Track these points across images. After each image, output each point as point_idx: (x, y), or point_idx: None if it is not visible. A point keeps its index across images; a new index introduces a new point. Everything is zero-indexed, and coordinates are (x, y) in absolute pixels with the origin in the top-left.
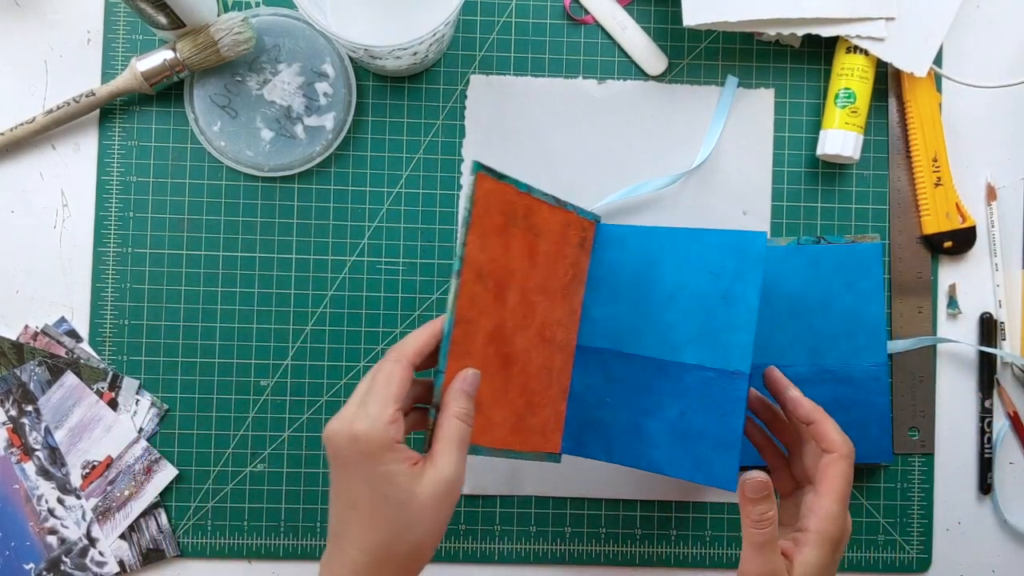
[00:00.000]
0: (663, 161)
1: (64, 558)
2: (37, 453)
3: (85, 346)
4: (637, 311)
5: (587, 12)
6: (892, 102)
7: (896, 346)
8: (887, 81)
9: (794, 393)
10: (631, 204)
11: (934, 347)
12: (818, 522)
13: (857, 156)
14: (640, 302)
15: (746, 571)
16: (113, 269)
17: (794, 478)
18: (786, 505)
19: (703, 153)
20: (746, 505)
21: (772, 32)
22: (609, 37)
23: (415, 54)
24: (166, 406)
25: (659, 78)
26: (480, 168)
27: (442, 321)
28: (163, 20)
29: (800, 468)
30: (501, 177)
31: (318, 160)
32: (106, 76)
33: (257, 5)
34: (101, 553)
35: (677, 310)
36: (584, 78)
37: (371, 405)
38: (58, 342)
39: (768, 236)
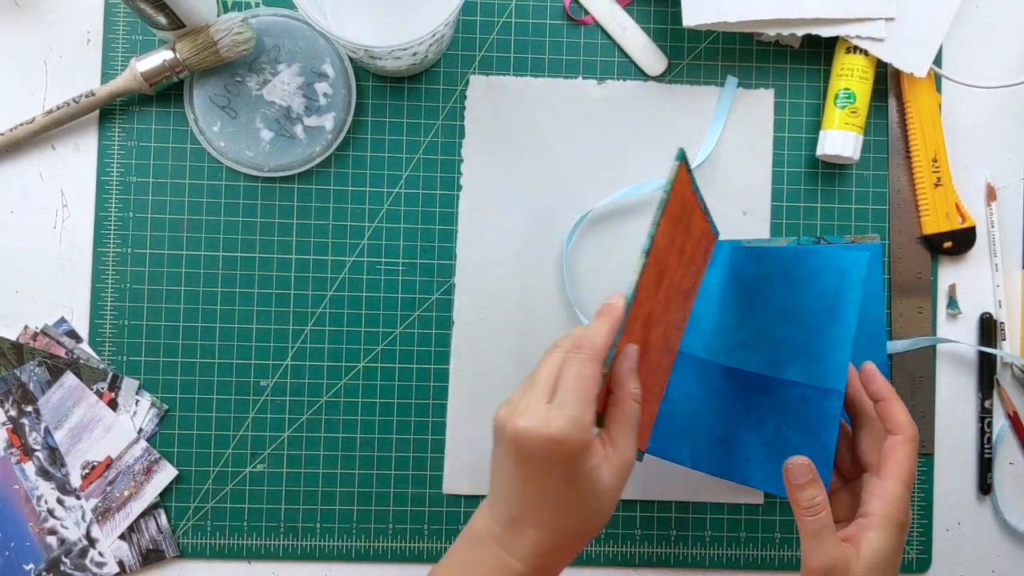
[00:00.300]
0: (663, 161)
1: (64, 558)
2: (37, 453)
3: (85, 346)
4: (745, 326)
5: (587, 12)
6: (892, 102)
7: (896, 346)
8: (887, 81)
9: (870, 366)
10: (632, 203)
11: (934, 347)
12: (883, 505)
13: (857, 156)
14: (749, 318)
15: (810, 564)
16: (113, 269)
17: (850, 467)
18: (841, 498)
19: (702, 153)
20: (794, 493)
21: (772, 32)
22: (609, 37)
23: (415, 54)
24: (166, 406)
25: (659, 78)
26: (683, 156)
27: (618, 310)
28: (163, 20)
29: (860, 452)
30: (689, 170)
31: (318, 160)
32: (106, 76)
33: (257, 5)
34: (101, 554)
35: (786, 328)
36: (584, 78)
37: (570, 407)
38: (58, 342)
39: (768, 235)
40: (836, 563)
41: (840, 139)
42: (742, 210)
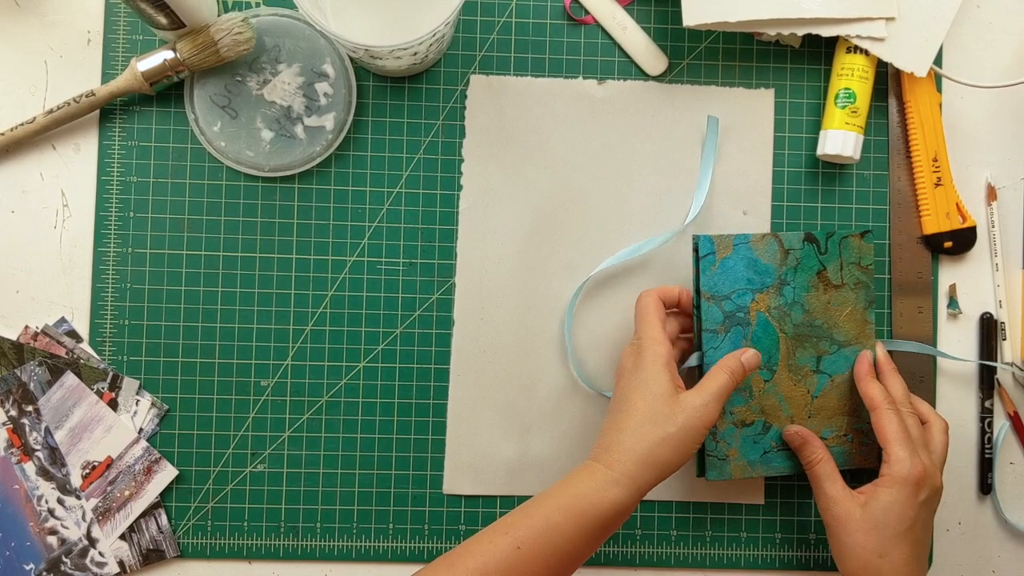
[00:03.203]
0: (663, 161)
1: (64, 558)
2: (37, 453)
3: (85, 346)
4: None
5: (587, 12)
6: (892, 102)
7: (894, 345)
8: (887, 81)
9: (861, 363)
10: (632, 211)
11: (933, 346)
12: (887, 467)
13: (857, 156)
14: None
15: (820, 504)
16: (113, 269)
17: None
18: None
19: (695, 207)
20: (804, 455)
21: (772, 32)
22: (609, 37)
23: (415, 54)
24: (166, 406)
25: (659, 78)
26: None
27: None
28: (163, 20)
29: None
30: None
31: (318, 160)
32: (106, 76)
33: (257, 5)
34: (101, 554)
35: None
36: (584, 78)
37: (648, 327)
38: (58, 342)
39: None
40: (832, 507)
41: (840, 139)
42: (742, 210)
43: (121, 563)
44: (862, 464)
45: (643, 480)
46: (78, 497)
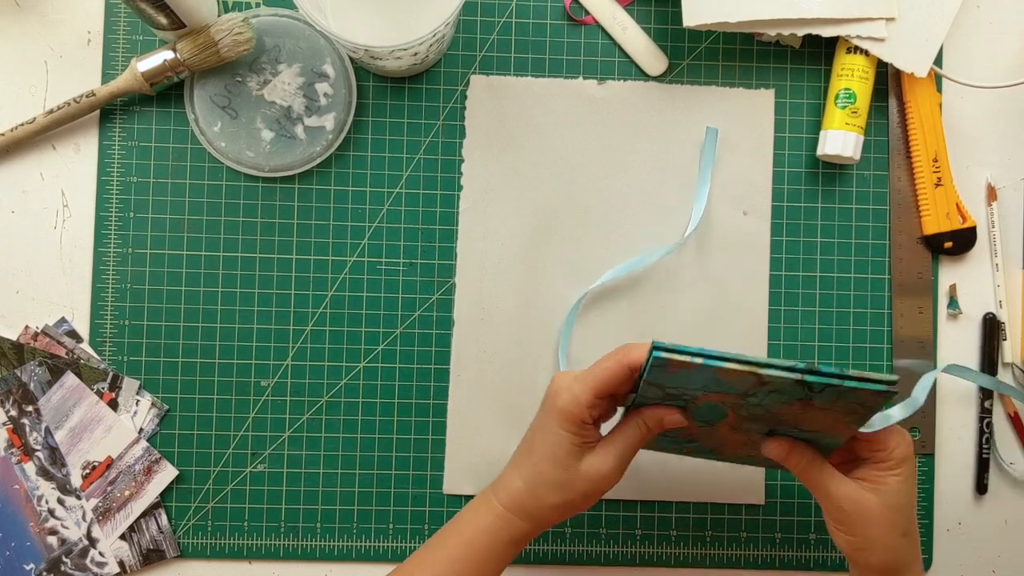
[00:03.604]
0: (663, 162)
1: (64, 559)
2: (37, 453)
3: (85, 346)
4: None
5: (587, 12)
6: (892, 102)
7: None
8: (887, 81)
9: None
10: (632, 212)
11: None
12: (884, 451)
13: (857, 156)
14: None
15: (828, 508)
16: (113, 269)
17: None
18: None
19: (694, 219)
20: (785, 463)
21: (772, 32)
22: (609, 37)
23: (415, 54)
24: (166, 406)
25: (659, 78)
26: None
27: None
28: (163, 20)
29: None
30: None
31: (318, 160)
32: (106, 76)
33: (257, 6)
34: (101, 554)
35: None
36: (584, 78)
37: (587, 381)
38: (58, 342)
39: (768, 236)
40: (848, 500)
41: (840, 139)
42: (742, 210)
43: (121, 563)
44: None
45: (540, 525)
46: (78, 497)
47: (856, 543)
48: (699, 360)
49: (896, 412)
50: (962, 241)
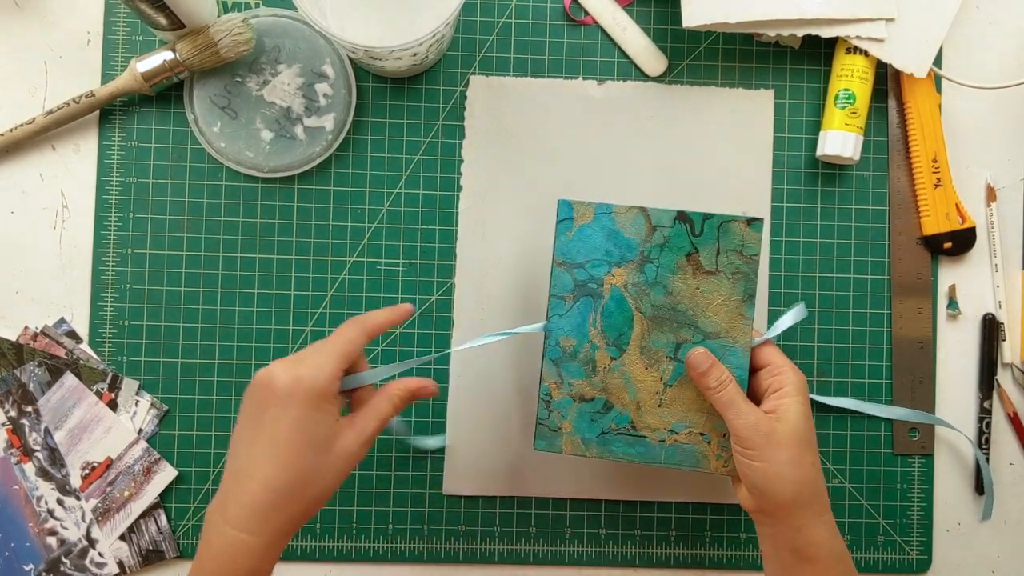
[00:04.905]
0: (663, 162)
1: (64, 559)
2: (37, 454)
3: (85, 347)
4: None
5: (587, 13)
6: (892, 103)
7: (894, 413)
8: (887, 82)
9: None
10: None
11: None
12: (780, 380)
13: (857, 157)
14: None
15: (737, 431)
16: (113, 270)
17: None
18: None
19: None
20: (701, 380)
21: (772, 33)
22: (609, 38)
23: (415, 55)
24: (166, 407)
25: (659, 79)
26: None
27: (407, 308)
28: (163, 21)
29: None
30: None
31: (318, 161)
32: (106, 77)
33: (257, 6)
34: (101, 554)
35: None
36: (584, 79)
37: (320, 356)
38: (58, 343)
39: (768, 237)
40: (758, 422)
41: (840, 139)
42: (742, 210)
43: (121, 563)
44: (718, 471)
45: (284, 537)
46: (78, 498)
47: (767, 469)
48: (596, 202)
49: (787, 318)
50: (961, 241)
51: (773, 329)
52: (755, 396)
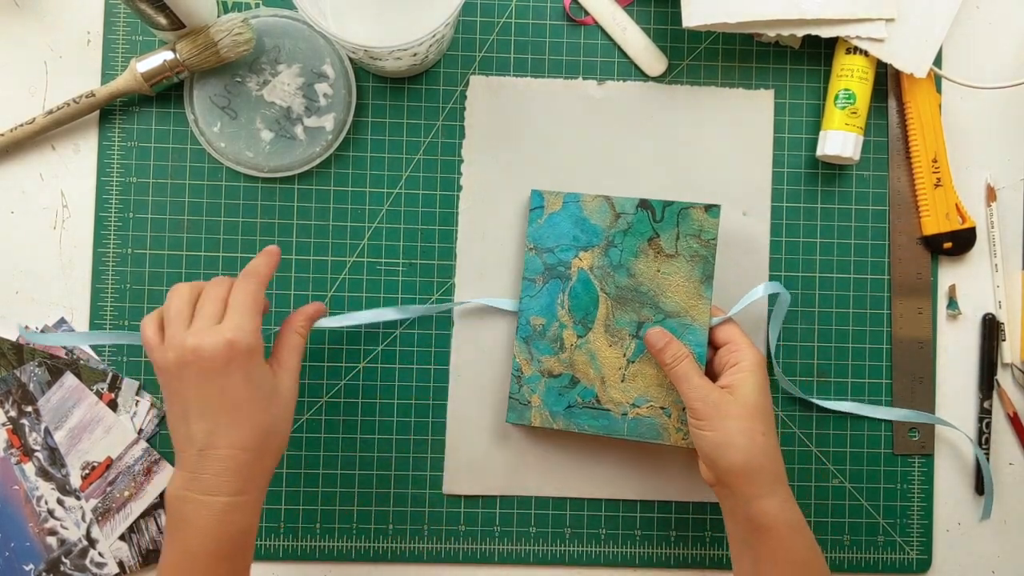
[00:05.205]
0: (663, 162)
1: (64, 559)
2: (37, 454)
3: (85, 347)
4: None
5: (587, 13)
6: (892, 103)
7: (894, 414)
8: (887, 82)
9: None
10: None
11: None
12: (738, 355)
13: (857, 157)
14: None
15: (691, 404)
16: (113, 270)
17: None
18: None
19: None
20: (660, 356)
21: (772, 33)
22: (609, 38)
23: (415, 55)
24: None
25: (659, 79)
26: None
27: (274, 249)
28: (163, 21)
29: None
30: None
31: (318, 161)
32: (106, 77)
33: (257, 6)
34: (101, 554)
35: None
36: (584, 79)
37: (238, 317)
38: None
39: (768, 237)
40: (708, 393)
41: (840, 140)
42: (743, 210)
43: (121, 563)
44: (677, 442)
45: (260, 491)
46: (78, 498)
47: (716, 438)
48: (564, 192)
49: (752, 295)
50: (961, 241)
51: (736, 307)
52: (716, 372)
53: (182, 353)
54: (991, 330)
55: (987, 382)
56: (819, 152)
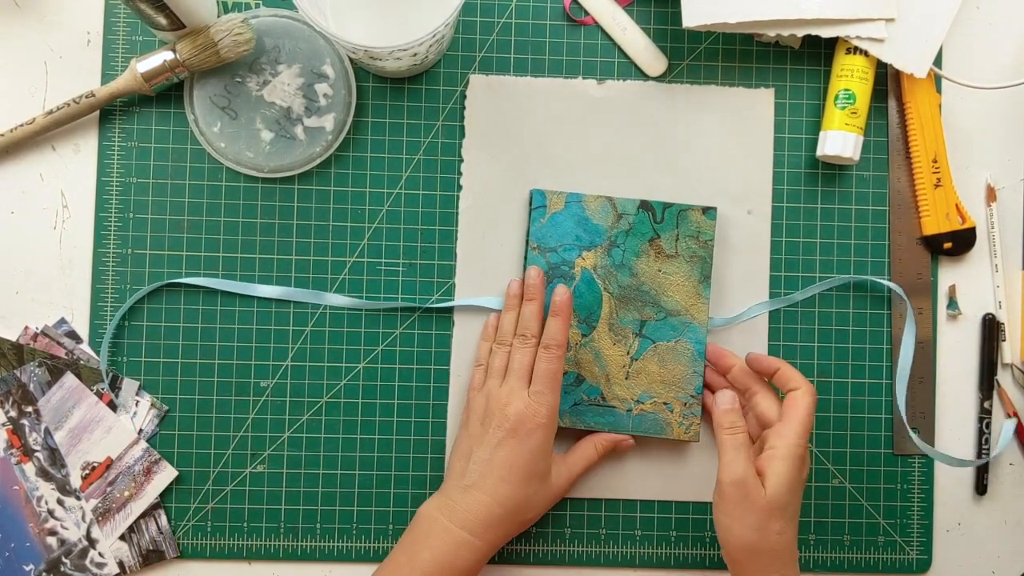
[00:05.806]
0: (662, 162)
1: (64, 559)
2: (37, 454)
3: (85, 347)
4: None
5: (587, 13)
6: (892, 103)
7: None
8: (887, 82)
9: (753, 353)
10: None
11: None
12: (786, 441)
13: (857, 157)
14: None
15: (724, 478)
16: (113, 269)
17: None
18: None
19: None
20: (720, 417)
21: (772, 33)
22: (609, 38)
23: (415, 55)
24: (166, 407)
25: (659, 79)
26: None
27: (567, 305)
28: (163, 21)
29: (758, 411)
30: None
31: (318, 161)
32: (106, 77)
33: (257, 6)
34: (101, 554)
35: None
36: (584, 79)
37: (548, 396)
38: (58, 343)
39: (768, 237)
40: (746, 479)
41: (840, 140)
42: (747, 209)
43: (121, 564)
44: (680, 437)
45: (496, 547)
46: (78, 498)
47: (730, 525)
48: (566, 191)
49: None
50: (962, 242)
51: (739, 317)
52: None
53: (492, 405)
54: (991, 330)
55: (987, 382)
56: (819, 152)
